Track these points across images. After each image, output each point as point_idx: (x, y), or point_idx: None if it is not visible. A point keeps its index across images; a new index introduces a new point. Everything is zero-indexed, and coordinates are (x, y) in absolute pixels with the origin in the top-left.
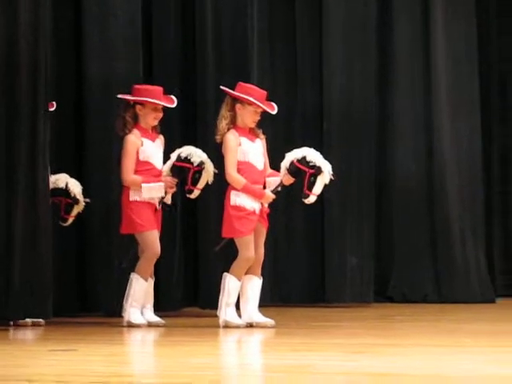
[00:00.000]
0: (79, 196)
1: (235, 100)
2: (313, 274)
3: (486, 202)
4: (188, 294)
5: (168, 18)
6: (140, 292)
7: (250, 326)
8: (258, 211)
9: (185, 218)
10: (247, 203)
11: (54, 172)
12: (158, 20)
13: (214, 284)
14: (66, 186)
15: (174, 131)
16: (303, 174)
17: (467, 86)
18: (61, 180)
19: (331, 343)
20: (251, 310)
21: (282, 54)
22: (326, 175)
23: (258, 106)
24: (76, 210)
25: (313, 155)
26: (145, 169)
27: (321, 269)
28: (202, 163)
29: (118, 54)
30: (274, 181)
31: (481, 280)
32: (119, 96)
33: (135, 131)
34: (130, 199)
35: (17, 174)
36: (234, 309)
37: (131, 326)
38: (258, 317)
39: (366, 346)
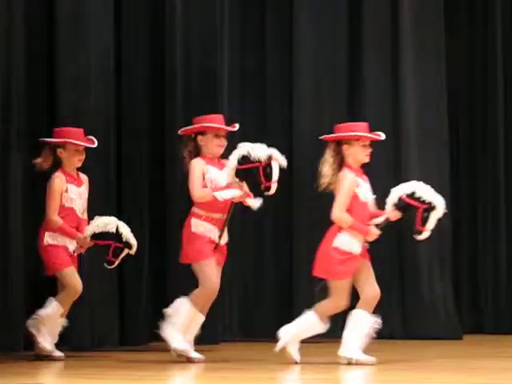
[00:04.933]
0: (132, 240)
1: (339, 142)
2: (280, 308)
3: (454, 239)
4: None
5: (137, 59)
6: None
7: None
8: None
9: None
10: (353, 246)
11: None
12: (127, 62)
13: None
14: (117, 229)
15: (143, 169)
16: (413, 209)
17: (436, 123)
18: (111, 224)
19: (298, 378)
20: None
21: (252, 93)
22: (439, 210)
23: (366, 138)
24: (125, 253)
25: (423, 190)
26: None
27: (289, 304)
28: (269, 157)
29: (89, 88)
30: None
31: (448, 316)
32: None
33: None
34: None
35: None
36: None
37: None
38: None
39: (330, 382)
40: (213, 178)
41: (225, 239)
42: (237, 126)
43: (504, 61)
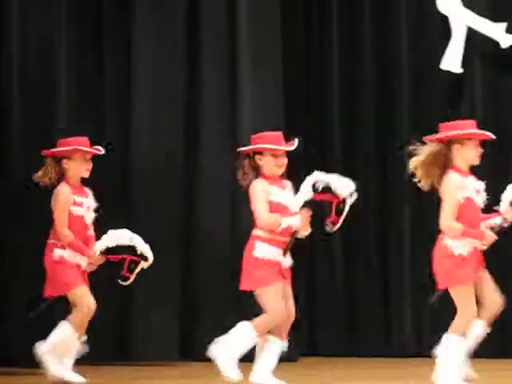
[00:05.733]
0: (147, 252)
1: (449, 144)
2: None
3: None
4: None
5: None
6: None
7: None
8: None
9: None
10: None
11: None
12: None
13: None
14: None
15: None
16: None
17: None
18: (124, 237)
19: None
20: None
21: (90, 95)
22: None
23: (481, 136)
24: (140, 267)
25: None
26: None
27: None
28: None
29: None
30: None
31: None
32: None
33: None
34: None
35: None
36: None
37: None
38: None
39: None
40: (275, 200)
41: (288, 262)
42: (295, 143)
43: (339, 68)
